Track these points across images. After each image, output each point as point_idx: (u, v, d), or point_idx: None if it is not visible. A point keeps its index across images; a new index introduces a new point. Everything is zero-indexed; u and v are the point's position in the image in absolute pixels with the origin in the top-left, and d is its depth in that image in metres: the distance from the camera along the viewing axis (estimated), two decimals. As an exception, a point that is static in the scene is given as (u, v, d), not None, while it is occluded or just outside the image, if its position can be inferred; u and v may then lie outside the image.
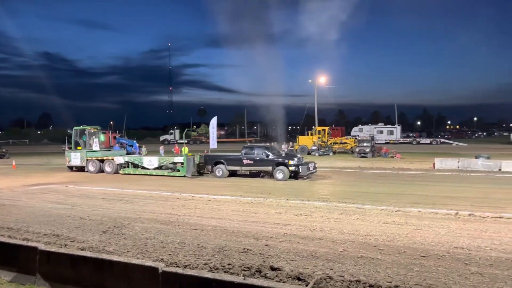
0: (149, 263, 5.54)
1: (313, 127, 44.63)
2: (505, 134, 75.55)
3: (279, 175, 19.60)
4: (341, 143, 40.95)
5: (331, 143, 40.16)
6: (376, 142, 42.79)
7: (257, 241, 8.47)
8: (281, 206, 12.61)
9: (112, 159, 23.62)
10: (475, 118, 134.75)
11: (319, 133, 41.04)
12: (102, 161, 23.84)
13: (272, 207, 12.47)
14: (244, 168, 20.90)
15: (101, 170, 23.67)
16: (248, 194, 15.19)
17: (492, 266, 6.73)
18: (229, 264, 6.72)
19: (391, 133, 60.25)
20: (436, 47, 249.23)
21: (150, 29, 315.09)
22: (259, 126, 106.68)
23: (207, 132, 28.38)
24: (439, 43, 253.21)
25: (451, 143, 56.78)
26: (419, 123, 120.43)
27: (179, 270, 5.18)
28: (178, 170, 21.66)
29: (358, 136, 49.52)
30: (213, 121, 26.18)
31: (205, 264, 6.82)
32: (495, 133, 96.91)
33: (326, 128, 43.75)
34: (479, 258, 7.17)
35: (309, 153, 36.64)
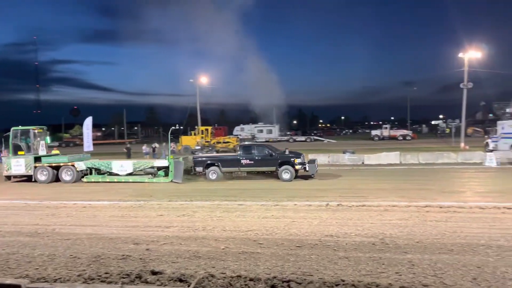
0: (10, 280, 4.94)
1: (196, 127, 44.61)
2: (367, 131, 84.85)
3: (285, 175, 18.32)
4: (224, 142, 41.68)
5: (214, 143, 40.62)
6: (257, 140, 44.53)
7: (137, 246, 8.14)
8: (163, 208, 12.33)
9: (73, 165, 19.95)
10: (343, 117, 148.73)
11: (202, 133, 41.20)
12: (57, 168, 20.05)
13: (153, 209, 12.13)
14: (243, 169, 19.25)
15: (57, 179, 19.98)
16: (129, 198, 14.54)
17: (357, 250, 7.49)
18: (106, 273, 6.32)
19: (270, 131, 63.30)
20: (312, 51, 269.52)
21: (12, 19, 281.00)
22: (140, 127, 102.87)
23: (82, 134, 26.24)
24: (315, 47, 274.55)
25: (323, 140, 62.11)
26: (295, 122, 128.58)
27: (46, 285, 4.73)
28: (166, 175, 19.44)
29: (240, 135, 50.97)
30: (88, 122, 24.42)
31: (79, 275, 6.32)
32: (359, 131, 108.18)
33: (209, 128, 44.14)
34: (346, 243, 7.93)
35: (192, 153, 36.48)
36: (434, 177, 18.25)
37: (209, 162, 19.44)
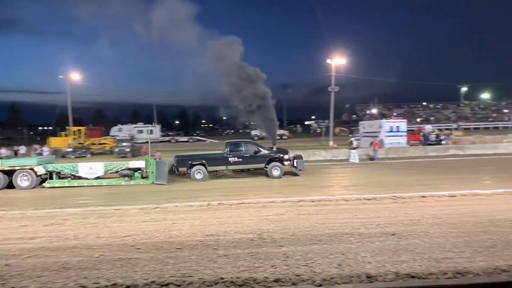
0: None
1: (67, 127, 41.09)
2: (247, 131, 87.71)
3: (275, 172, 18.08)
4: (99, 144, 39.11)
5: (88, 144, 37.86)
6: (137, 141, 42.84)
7: (-7, 262, 7.17)
8: (27, 217, 11.08)
9: (31, 169, 17.27)
10: (224, 117, 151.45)
11: (74, 134, 38.10)
12: (10, 172, 17.21)
13: (15, 220, 10.81)
14: (230, 167, 18.55)
15: (10, 185, 17.16)
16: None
17: (236, 247, 7.67)
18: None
19: (151, 132, 61.40)
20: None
21: None
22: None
23: None
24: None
25: (205, 140, 62.39)
26: (177, 122, 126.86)
27: None
28: (146, 177, 18.09)
29: (117, 136, 48.37)
30: None
31: None
32: (240, 131, 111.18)
33: (83, 128, 41.02)
34: (226, 241, 8.07)
35: (63, 156, 33.51)
36: (307, 174, 19.63)
37: (193, 161, 18.48)
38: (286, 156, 18.57)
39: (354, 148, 25.37)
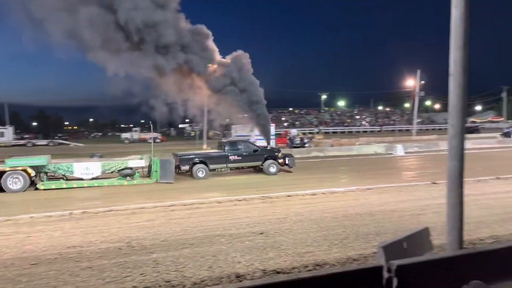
0: None
1: None
2: (117, 134, 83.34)
3: (272, 169, 19.15)
4: None
5: None
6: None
7: None
8: None
9: (24, 170, 15.70)
10: (91, 119, 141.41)
11: None
12: None
13: None
14: (230, 165, 19.20)
15: None
16: None
17: (102, 258, 7.20)
18: None
19: (2, 135, 54.20)
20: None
21: None
22: None
23: None
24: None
25: (69, 144, 57.30)
26: (35, 124, 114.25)
27: None
28: (149, 177, 17.82)
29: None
30: None
31: None
32: (109, 133, 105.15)
33: None
34: (90, 252, 7.51)
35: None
36: (181, 178, 19.42)
37: (196, 159, 18.56)
38: (279, 155, 19.72)
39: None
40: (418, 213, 10.26)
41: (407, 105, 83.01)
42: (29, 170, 15.77)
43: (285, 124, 73.34)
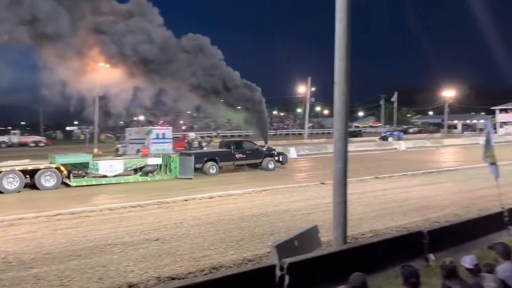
0: None
1: None
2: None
3: (270, 165, 20.94)
4: None
5: None
6: None
7: None
8: None
9: (57, 168, 15.92)
10: None
11: None
12: (32, 172, 15.49)
13: None
14: (236, 162, 20.88)
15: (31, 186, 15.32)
16: None
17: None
18: None
19: None
20: None
21: None
22: None
23: None
24: None
25: None
26: None
27: None
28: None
29: None
30: None
31: None
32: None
33: None
34: (-45, 273, 6.55)
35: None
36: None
37: (208, 157, 19.84)
38: (275, 153, 21.73)
39: (121, 155, 24.79)
40: (309, 212, 10.90)
41: (299, 110, 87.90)
42: (62, 168, 16.22)
43: (183, 127, 72.50)
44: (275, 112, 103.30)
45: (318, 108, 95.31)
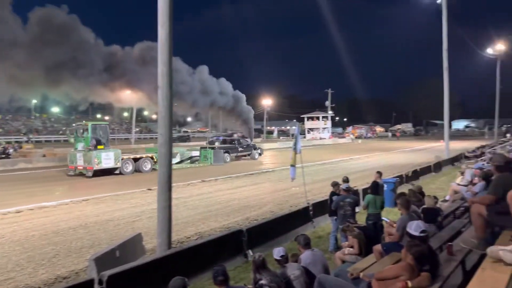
0: None
1: None
2: None
3: (256, 155, 29.78)
4: None
5: None
6: None
7: None
8: None
9: (152, 157, 21.64)
10: None
11: None
12: (137, 159, 21.42)
13: None
14: (239, 154, 28.74)
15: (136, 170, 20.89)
16: None
17: None
18: None
19: None
20: None
21: None
22: None
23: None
24: None
25: None
26: None
27: None
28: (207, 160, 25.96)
29: None
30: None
31: None
32: None
33: None
34: None
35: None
36: None
37: (224, 150, 27.15)
38: (258, 145, 31.89)
39: None
40: (134, 220, 10.51)
41: (126, 114, 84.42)
42: (155, 156, 20.47)
43: (-17, 131, 61.61)
44: (99, 116, 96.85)
45: (146, 113, 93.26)
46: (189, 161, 26.71)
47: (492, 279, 2.83)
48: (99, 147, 19.97)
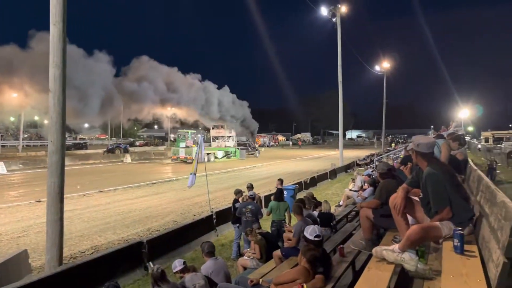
0: None
1: None
2: None
3: (258, 154, 43.21)
4: None
5: None
6: None
7: None
8: None
9: (214, 153, 37.09)
10: None
11: None
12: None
13: None
14: (249, 153, 42.07)
15: None
16: None
17: None
18: None
19: None
20: None
21: None
22: None
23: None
24: None
25: None
26: None
27: None
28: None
29: None
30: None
31: None
32: None
33: None
34: None
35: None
36: None
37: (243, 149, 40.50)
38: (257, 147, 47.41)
39: None
40: (19, 235, 9.54)
41: (12, 119, 76.50)
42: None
43: None
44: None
45: (36, 118, 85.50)
46: (225, 156, 39.27)
47: (376, 278, 3.07)
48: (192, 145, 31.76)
